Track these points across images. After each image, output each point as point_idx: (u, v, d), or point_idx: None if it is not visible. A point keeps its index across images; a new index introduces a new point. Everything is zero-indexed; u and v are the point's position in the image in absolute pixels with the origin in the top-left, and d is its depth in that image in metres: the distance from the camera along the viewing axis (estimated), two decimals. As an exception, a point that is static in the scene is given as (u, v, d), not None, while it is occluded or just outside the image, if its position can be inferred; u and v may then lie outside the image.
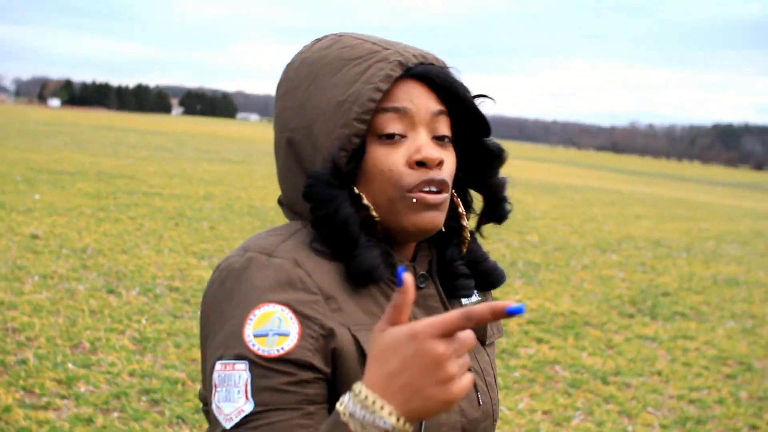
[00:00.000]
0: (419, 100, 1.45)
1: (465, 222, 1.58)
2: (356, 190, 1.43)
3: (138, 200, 15.15)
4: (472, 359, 1.55)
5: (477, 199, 1.63)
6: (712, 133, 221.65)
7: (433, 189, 1.43)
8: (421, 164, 1.43)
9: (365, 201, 1.43)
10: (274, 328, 1.31)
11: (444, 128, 1.48)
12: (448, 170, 1.46)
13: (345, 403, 1.11)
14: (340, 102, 1.42)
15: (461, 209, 1.58)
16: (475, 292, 1.62)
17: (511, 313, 1.05)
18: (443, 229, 1.58)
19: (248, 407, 1.28)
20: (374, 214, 1.43)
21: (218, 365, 1.32)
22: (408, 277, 1.06)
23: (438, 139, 1.47)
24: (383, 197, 1.43)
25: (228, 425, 1.28)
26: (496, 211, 1.60)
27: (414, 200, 1.41)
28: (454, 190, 1.58)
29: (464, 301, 1.59)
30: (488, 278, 1.62)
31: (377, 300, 1.45)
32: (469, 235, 1.58)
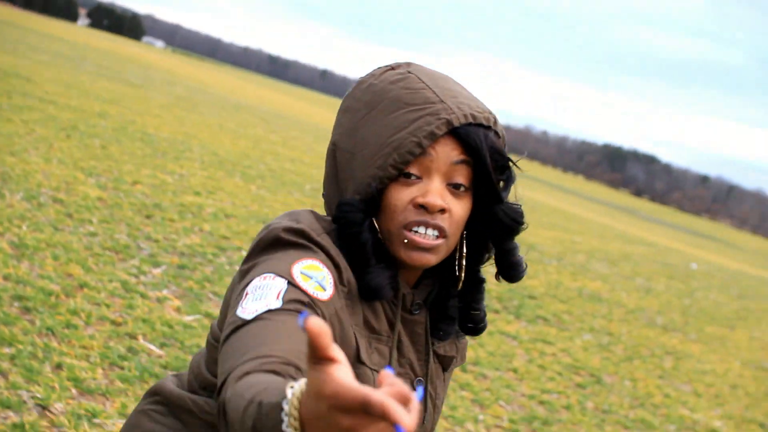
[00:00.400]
0: (443, 148, 1.56)
1: (461, 267, 1.70)
2: (374, 221, 1.60)
3: (32, 104, 14.82)
4: (429, 382, 1.72)
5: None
6: (601, 152, 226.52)
7: (428, 232, 1.57)
8: (423, 207, 1.56)
9: (378, 229, 1.60)
10: (318, 279, 1.49)
11: (461, 177, 1.59)
12: (453, 218, 1.59)
13: (288, 400, 1.05)
14: (384, 143, 1.56)
15: (459, 255, 1.70)
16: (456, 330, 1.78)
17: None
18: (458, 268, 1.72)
19: (276, 304, 1.39)
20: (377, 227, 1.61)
21: (257, 279, 1.46)
22: (309, 322, 0.92)
23: (453, 187, 1.59)
24: (387, 227, 1.60)
25: (249, 317, 1.38)
26: (506, 271, 1.72)
27: (405, 240, 1.58)
28: (465, 233, 1.70)
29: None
30: (471, 325, 1.77)
31: (377, 314, 1.64)
32: (463, 278, 1.71)
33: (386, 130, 1.56)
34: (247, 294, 1.44)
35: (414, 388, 1.68)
